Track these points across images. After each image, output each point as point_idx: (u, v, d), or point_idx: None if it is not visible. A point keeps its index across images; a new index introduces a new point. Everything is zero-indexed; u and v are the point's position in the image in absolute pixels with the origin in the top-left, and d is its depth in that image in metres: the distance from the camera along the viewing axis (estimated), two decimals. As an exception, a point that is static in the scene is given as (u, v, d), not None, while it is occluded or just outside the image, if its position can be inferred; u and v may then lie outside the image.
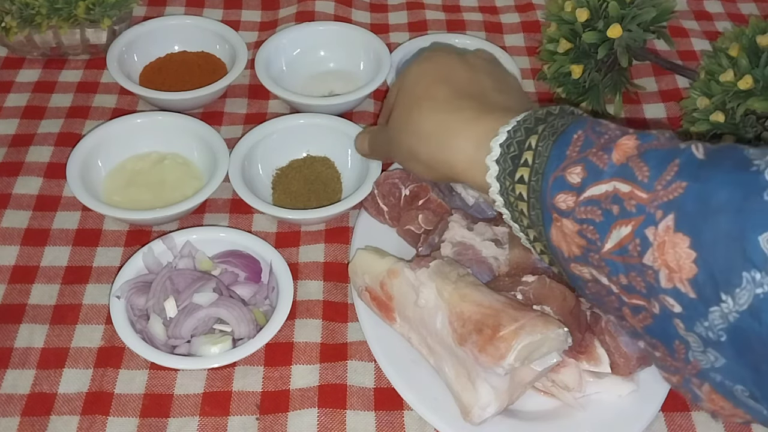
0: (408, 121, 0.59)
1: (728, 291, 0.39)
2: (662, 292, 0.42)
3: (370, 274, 0.60)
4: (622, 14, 0.77)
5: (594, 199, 0.45)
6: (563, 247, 0.48)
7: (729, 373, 0.42)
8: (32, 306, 0.65)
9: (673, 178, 0.42)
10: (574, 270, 0.48)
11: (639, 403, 0.57)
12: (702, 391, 0.45)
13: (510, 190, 0.50)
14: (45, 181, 0.74)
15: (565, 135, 0.48)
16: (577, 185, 0.46)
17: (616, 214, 0.44)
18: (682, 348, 0.44)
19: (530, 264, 0.61)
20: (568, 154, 0.47)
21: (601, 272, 0.46)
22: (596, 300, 0.49)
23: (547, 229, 0.48)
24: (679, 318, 0.42)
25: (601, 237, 0.45)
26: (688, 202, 0.41)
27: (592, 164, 0.46)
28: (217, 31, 0.86)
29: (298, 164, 0.75)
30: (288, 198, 0.73)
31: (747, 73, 0.70)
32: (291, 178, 0.74)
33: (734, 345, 0.40)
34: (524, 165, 0.49)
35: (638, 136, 0.45)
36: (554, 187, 0.47)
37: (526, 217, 0.50)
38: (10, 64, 0.86)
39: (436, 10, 0.96)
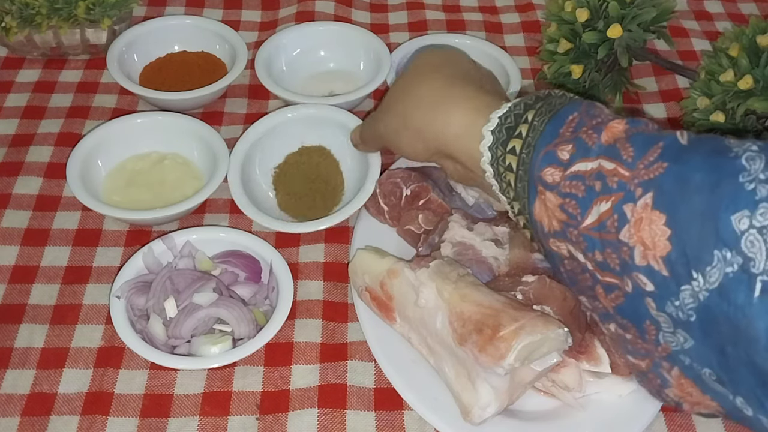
0: (408, 90, 0.59)
1: (699, 269, 0.40)
2: (636, 269, 0.43)
3: (370, 274, 0.60)
4: (622, 14, 0.77)
5: (579, 174, 0.46)
6: (544, 221, 0.49)
7: (697, 356, 0.43)
8: (32, 306, 0.65)
9: (656, 159, 0.43)
10: (553, 246, 0.49)
11: (639, 403, 0.57)
12: (671, 376, 0.46)
13: (501, 160, 0.51)
14: (45, 181, 0.74)
15: (561, 114, 0.49)
16: (566, 161, 0.47)
17: (598, 190, 0.45)
18: (652, 329, 0.45)
19: (530, 264, 0.61)
20: (561, 132, 0.49)
21: (577, 248, 0.47)
22: (570, 279, 0.50)
23: (532, 202, 0.50)
24: (651, 297, 0.43)
25: (582, 212, 0.46)
26: (667, 182, 0.42)
27: (582, 142, 0.47)
28: (217, 31, 0.86)
29: (295, 159, 0.75)
30: (291, 200, 0.72)
31: (747, 73, 0.70)
32: (291, 177, 0.74)
33: (702, 325, 0.41)
34: (517, 137, 0.50)
35: (628, 121, 0.47)
36: (544, 161, 0.48)
37: (513, 189, 0.51)
38: (10, 64, 0.86)
39: (436, 10, 0.96)
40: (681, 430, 0.59)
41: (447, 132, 0.55)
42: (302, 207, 0.72)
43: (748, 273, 0.38)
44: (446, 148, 0.56)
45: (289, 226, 0.68)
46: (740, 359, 0.40)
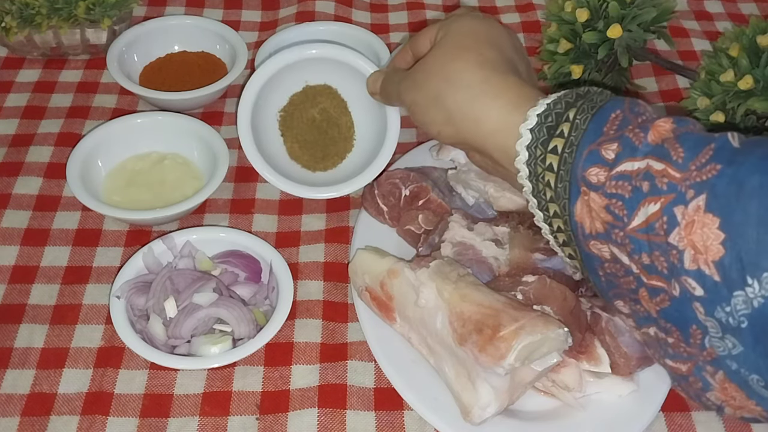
0: (446, 67, 0.56)
1: (755, 275, 0.39)
2: (685, 273, 0.42)
3: (370, 274, 0.60)
4: (623, 14, 0.77)
5: (626, 174, 0.45)
6: (586, 222, 0.47)
7: (746, 362, 0.42)
8: (32, 306, 0.65)
9: (708, 161, 0.42)
10: (593, 248, 0.48)
11: (639, 403, 0.57)
12: (715, 380, 0.45)
13: (540, 160, 0.49)
14: (45, 181, 0.74)
15: (604, 111, 0.48)
16: (611, 161, 0.46)
17: (646, 191, 0.44)
18: (698, 333, 0.44)
19: (530, 264, 0.61)
20: (605, 130, 0.47)
21: (622, 250, 0.46)
22: (609, 282, 0.49)
23: (573, 202, 0.48)
24: (700, 302, 0.42)
25: (629, 213, 0.45)
26: (720, 184, 0.41)
27: (628, 140, 0.46)
28: (217, 31, 0.86)
29: (300, 99, 0.73)
30: (302, 149, 0.71)
31: (747, 73, 0.70)
32: (297, 121, 0.72)
33: (755, 332, 0.40)
34: (559, 136, 0.49)
35: (675, 120, 0.46)
36: (588, 160, 0.47)
37: (552, 189, 0.49)
38: (10, 64, 0.86)
39: (436, 10, 0.96)
40: (681, 430, 0.59)
41: (482, 125, 0.53)
42: (315, 156, 0.71)
43: None
44: (478, 141, 0.54)
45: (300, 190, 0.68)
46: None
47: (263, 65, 0.71)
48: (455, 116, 0.55)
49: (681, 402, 0.60)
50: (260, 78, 0.71)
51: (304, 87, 0.74)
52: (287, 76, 0.73)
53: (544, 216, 0.51)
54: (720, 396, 0.46)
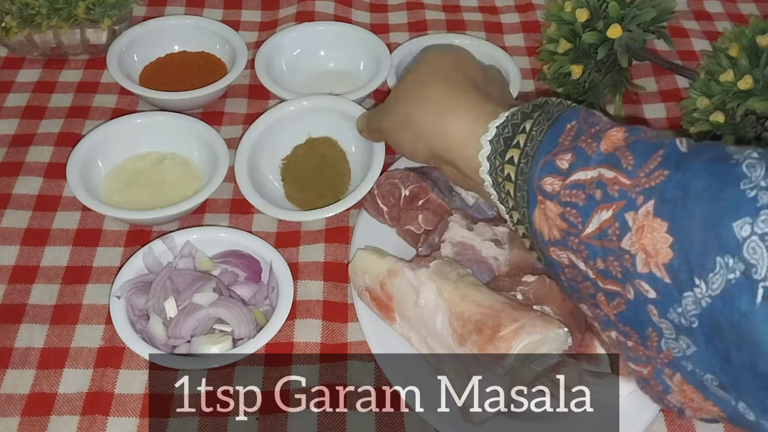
0: (414, 89, 0.60)
1: (702, 276, 0.40)
2: (638, 277, 0.43)
3: (370, 274, 0.60)
4: (622, 14, 0.77)
5: (579, 182, 0.46)
6: (544, 230, 0.49)
7: (700, 362, 0.43)
8: (32, 306, 0.65)
9: (656, 167, 0.43)
10: (553, 254, 0.49)
11: (639, 403, 0.57)
12: (673, 382, 0.46)
13: (499, 170, 0.52)
14: (45, 181, 0.74)
15: (559, 122, 0.50)
16: (565, 170, 0.47)
17: (599, 199, 0.45)
18: (654, 336, 0.45)
19: (530, 264, 0.61)
20: (560, 141, 0.49)
21: (578, 257, 0.47)
22: (571, 287, 0.50)
23: (531, 211, 0.50)
24: (653, 304, 0.43)
25: (583, 220, 0.46)
26: (668, 189, 0.42)
27: (581, 150, 0.47)
28: (217, 31, 0.86)
29: (302, 150, 0.75)
30: (299, 190, 0.72)
31: (747, 73, 0.70)
32: (298, 167, 0.74)
33: (705, 331, 0.41)
34: (515, 146, 0.51)
35: (626, 129, 0.47)
36: (543, 170, 0.48)
37: (512, 198, 0.51)
38: (10, 64, 0.86)
39: (436, 10, 0.96)
40: (681, 431, 0.59)
41: (447, 137, 0.56)
42: (310, 196, 0.71)
43: (751, 279, 0.38)
44: (446, 154, 0.57)
45: (290, 214, 0.69)
46: (743, 364, 0.40)
47: (266, 113, 0.75)
48: (423, 132, 0.58)
49: (681, 402, 0.60)
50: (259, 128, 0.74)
51: (307, 139, 0.76)
52: (291, 127, 0.75)
53: (511, 222, 0.54)
54: (679, 398, 0.47)
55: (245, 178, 0.70)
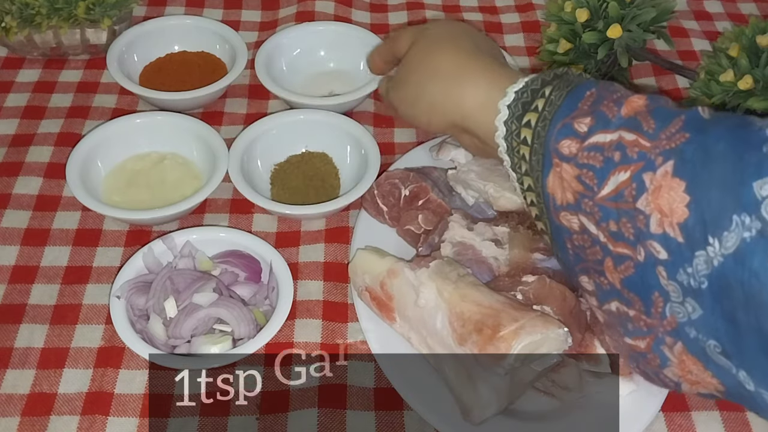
0: (425, 60, 0.60)
1: (716, 234, 0.41)
2: (650, 237, 0.44)
3: (370, 274, 0.60)
4: (622, 14, 0.77)
5: (598, 145, 0.47)
6: (558, 194, 0.49)
7: (704, 326, 0.43)
8: (32, 306, 0.65)
9: (678, 130, 0.44)
10: (563, 220, 0.50)
11: (639, 403, 0.57)
12: (673, 353, 0.46)
13: (515, 134, 0.52)
14: (45, 181, 0.74)
15: (579, 89, 0.50)
16: (584, 133, 0.48)
17: (617, 161, 0.45)
18: (660, 301, 0.45)
19: (530, 264, 0.61)
20: (579, 106, 0.49)
21: (591, 219, 0.47)
22: (576, 256, 0.50)
23: (545, 174, 0.50)
24: (663, 265, 0.44)
25: (599, 182, 0.46)
26: (688, 150, 0.43)
27: (602, 114, 0.47)
28: (217, 31, 0.86)
29: (297, 160, 0.76)
30: (286, 193, 0.73)
31: (747, 73, 0.70)
32: (289, 174, 0.74)
33: (714, 292, 0.42)
34: (533, 110, 0.51)
35: (648, 97, 0.47)
36: (560, 133, 0.49)
37: (527, 162, 0.51)
38: (10, 64, 0.86)
39: (436, 10, 0.96)
40: (681, 430, 0.59)
41: (464, 104, 0.56)
42: (296, 200, 0.72)
43: (766, 238, 0.39)
44: (463, 121, 0.57)
45: (287, 208, 0.69)
46: (750, 326, 0.40)
47: (269, 117, 0.76)
48: (439, 101, 0.58)
49: (681, 402, 0.60)
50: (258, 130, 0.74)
51: (303, 152, 0.76)
52: (290, 136, 0.76)
53: (521, 189, 0.54)
54: (677, 371, 0.47)
55: (239, 177, 0.70)
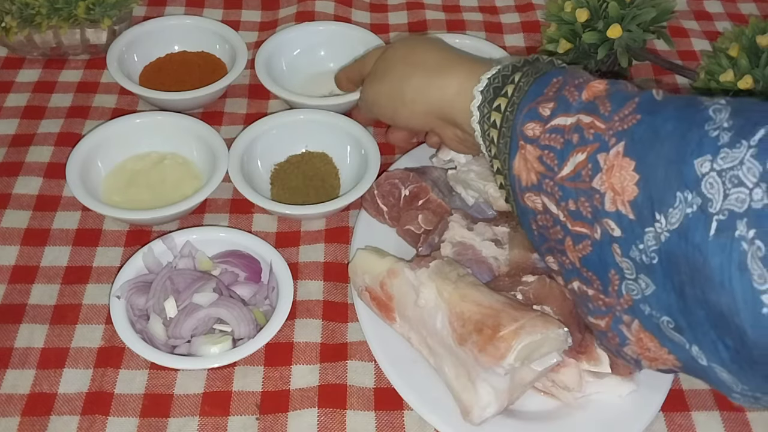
0: (404, 56, 0.62)
1: (662, 210, 0.42)
2: (605, 215, 0.45)
3: (370, 274, 0.60)
4: (622, 14, 0.77)
5: (559, 127, 0.49)
6: (523, 175, 0.51)
7: (657, 302, 0.45)
8: (32, 306, 0.65)
9: (631, 112, 0.46)
10: (527, 201, 0.52)
11: (639, 403, 0.57)
12: (631, 331, 0.48)
13: (486, 117, 0.54)
14: (45, 181, 0.74)
15: (547, 76, 0.52)
16: (546, 116, 0.50)
17: (576, 143, 0.47)
18: (616, 279, 0.47)
19: (530, 264, 0.61)
20: (545, 92, 0.51)
21: (551, 199, 0.49)
22: (541, 236, 0.52)
23: (512, 157, 0.52)
24: (618, 242, 0.45)
25: (559, 163, 0.48)
26: (638, 131, 0.45)
27: (564, 98, 0.50)
28: (217, 31, 0.86)
29: (297, 160, 0.76)
30: (286, 193, 0.73)
31: (747, 73, 0.70)
32: (289, 174, 0.74)
33: (663, 267, 0.43)
34: (503, 96, 0.53)
35: (609, 82, 0.49)
36: (526, 116, 0.51)
37: (495, 145, 0.54)
38: (10, 64, 0.86)
39: (436, 10, 0.96)
40: (681, 430, 0.59)
41: (445, 93, 0.58)
42: (296, 200, 0.72)
43: (706, 213, 0.40)
44: (444, 111, 0.59)
45: (287, 208, 0.69)
46: (697, 299, 0.42)
47: (270, 117, 0.76)
48: (422, 92, 0.60)
49: (681, 402, 0.60)
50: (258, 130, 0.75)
51: (303, 152, 0.76)
52: (290, 136, 0.76)
53: (492, 172, 0.56)
54: (636, 349, 0.49)
55: (239, 177, 0.70)
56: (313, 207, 0.69)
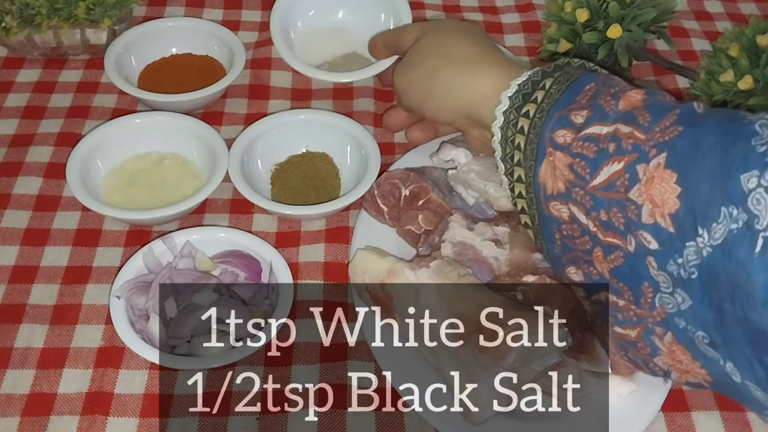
0: (441, 46, 0.61)
1: (705, 225, 0.41)
2: (641, 227, 0.44)
3: (370, 274, 0.60)
4: (622, 14, 0.77)
5: (593, 136, 0.48)
6: (549, 183, 0.50)
7: (693, 317, 0.44)
8: (32, 306, 0.65)
9: (672, 124, 0.45)
10: (552, 209, 0.51)
11: (639, 403, 0.57)
12: (663, 343, 0.47)
13: (512, 123, 0.53)
14: (45, 181, 0.74)
15: (579, 82, 0.51)
16: (580, 124, 0.49)
17: (611, 152, 0.46)
18: (649, 291, 0.46)
19: (530, 264, 0.61)
20: (577, 99, 0.50)
21: (581, 209, 0.48)
22: (565, 246, 0.51)
23: (538, 164, 0.51)
24: (654, 255, 0.44)
25: (591, 172, 0.47)
26: (680, 143, 0.44)
27: (599, 107, 0.49)
28: (214, 32, 0.86)
29: (297, 160, 0.76)
30: (287, 193, 0.73)
31: (747, 73, 0.70)
32: (290, 174, 0.74)
33: (703, 282, 0.42)
34: (533, 101, 0.52)
35: (645, 92, 0.49)
36: (557, 123, 0.50)
37: (520, 151, 0.53)
38: (10, 64, 0.86)
39: (436, 10, 0.96)
40: (681, 430, 0.59)
41: (476, 94, 0.57)
42: (296, 200, 0.72)
43: (752, 229, 0.39)
44: (472, 111, 0.58)
45: (287, 208, 0.69)
46: (736, 317, 0.41)
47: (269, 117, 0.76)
48: (453, 86, 0.59)
49: (681, 402, 0.60)
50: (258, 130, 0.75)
51: (303, 152, 0.76)
52: (290, 136, 0.76)
53: (509, 181, 0.55)
54: (667, 360, 0.48)
55: (239, 177, 0.70)
56: (313, 207, 0.69)
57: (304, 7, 0.85)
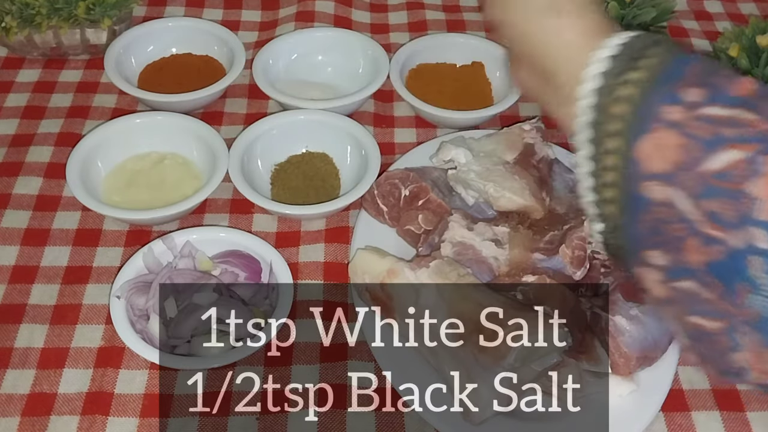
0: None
1: None
2: (754, 224, 0.41)
3: (370, 274, 0.60)
4: (622, 14, 0.77)
5: (710, 117, 0.44)
6: (649, 160, 0.46)
7: None
8: (32, 306, 0.65)
9: None
10: (645, 189, 0.46)
11: (639, 403, 0.57)
12: (748, 342, 0.44)
13: (608, 90, 0.48)
14: (45, 181, 0.74)
15: (685, 57, 0.47)
16: (692, 103, 0.45)
17: (730, 137, 0.43)
18: (745, 292, 0.43)
19: (530, 264, 0.61)
20: (686, 73, 0.46)
21: (686, 193, 0.44)
22: (653, 229, 0.47)
23: (638, 137, 0.46)
24: (762, 256, 0.41)
25: (704, 156, 0.43)
26: None
27: (716, 87, 0.45)
28: (214, 32, 0.86)
29: (297, 160, 0.76)
30: (287, 193, 0.73)
31: (747, 73, 0.70)
32: (290, 174, 0.74)
33: None
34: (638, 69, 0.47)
35: (757, 83, 0.45)
36: (667, 98, 0.46)
37: (623, 120, 0.47)
38: (10, 64, 0.86)
39: (436, 10, 0.96)
40: (681, 430, 0.59)
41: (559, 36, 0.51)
42: (296, 200, 0.72)
43: None
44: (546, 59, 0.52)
45: (287, 208, 0.69)
46: None
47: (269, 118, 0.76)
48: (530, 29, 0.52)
49: (681, 402, 0.60)
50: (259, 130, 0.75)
51: (303, 152, 0.76)
52: (290, 136, 0.76)
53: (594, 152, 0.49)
54: (749, 358, 0.45)
55: (239, 177, 0.70)
56: (313, 207, 0.69)
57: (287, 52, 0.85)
